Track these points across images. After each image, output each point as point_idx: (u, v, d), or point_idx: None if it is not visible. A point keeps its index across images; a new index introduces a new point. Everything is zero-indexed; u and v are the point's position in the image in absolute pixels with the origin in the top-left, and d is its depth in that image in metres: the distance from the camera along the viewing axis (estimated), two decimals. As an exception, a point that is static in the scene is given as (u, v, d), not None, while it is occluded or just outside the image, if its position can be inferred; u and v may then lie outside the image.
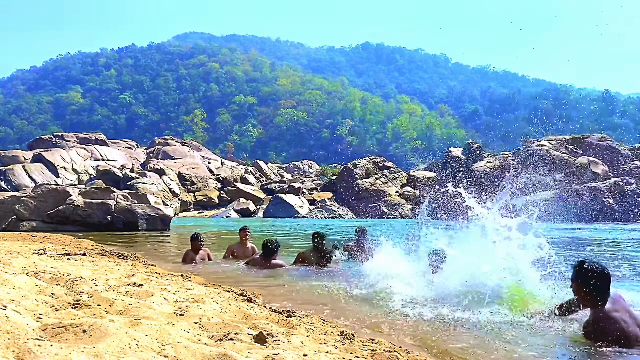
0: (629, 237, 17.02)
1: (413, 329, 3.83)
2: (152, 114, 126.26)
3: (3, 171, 40.47)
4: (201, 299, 3.79)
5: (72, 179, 43.22)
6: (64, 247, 8.03)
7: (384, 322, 4.05)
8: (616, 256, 10.54)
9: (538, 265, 4.90)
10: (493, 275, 4.67)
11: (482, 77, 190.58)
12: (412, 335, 3.67)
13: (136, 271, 5.36)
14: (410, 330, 3.82)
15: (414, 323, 4.05)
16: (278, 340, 2.67)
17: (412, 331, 3.75)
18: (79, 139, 52.26)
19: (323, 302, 4.87)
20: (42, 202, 17.59)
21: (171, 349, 2.24)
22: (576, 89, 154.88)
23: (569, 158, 39.78)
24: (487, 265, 4.88)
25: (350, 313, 4.38)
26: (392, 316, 4.29)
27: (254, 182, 50.16)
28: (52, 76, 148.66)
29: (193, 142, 62.92)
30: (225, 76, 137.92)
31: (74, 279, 3.96)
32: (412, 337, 3.62)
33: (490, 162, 43.18)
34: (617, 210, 34.70)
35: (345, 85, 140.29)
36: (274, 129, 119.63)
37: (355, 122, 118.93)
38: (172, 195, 42.09)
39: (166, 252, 10.88)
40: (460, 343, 3.48)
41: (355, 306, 4.68)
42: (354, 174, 45.65)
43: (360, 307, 4.62)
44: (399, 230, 20.05)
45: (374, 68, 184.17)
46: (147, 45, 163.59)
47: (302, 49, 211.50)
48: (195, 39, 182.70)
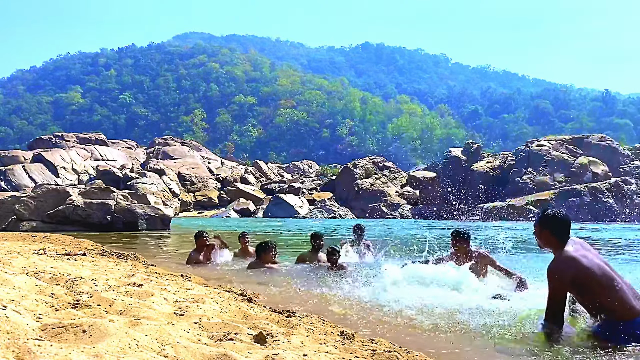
0: (629, 237, 17.03)
1: (413, 329, 3.83)
2: (152, 114, 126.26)
3: (3, 171, 40.48)
4: (201, 299, 3.79)
5: (72, 179, 43.23)
6: (64, 247, 8.03)
7: (384, 322, 4.05)
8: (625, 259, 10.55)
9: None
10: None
11: (482, 77, 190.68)
12: (412, 335, 3.67)
13: (136, 271, 5.36)
14: (411, 330, 3.82)
15: (414, 323, 4.05)
16: (278, 340, 2.67)
17: (412, 331, 3.75)
18: (79, 139, 52.27)
19: (323, 302, 4.87)
20: (42, 202, 17.59)
21: (171, 349, 2.24)
22: (576, 89, 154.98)
23: (569, 158, 39.78)
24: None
25: (350, 313, 4.38)
26: (393, 316, 4.29)
27: (254, 182, 50.17)
28: (52, 76, 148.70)
29: (193, 142, 62.94)
30: (225, 76, 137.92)
31: (74, 279, 3.96)
32: (412, 337, 3.62)
33: (490, 162, 43.17)
34: (617, 210, 34.70)
35: (345, 85, 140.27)
36: (274, 129, 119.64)
37: (355, 122, 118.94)
38: (172, 195, 42.10)
39: (166, 252, 10.88)
40: (460, 344, 3.49)
41: (356, 306, 4.68)
42: (354, 174, 45.65)
43: (360, 307, 4.62)
44: (395, 231, 20.09)
45: (374, 68, 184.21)
46: (147, 45, 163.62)
47: (302, 49, 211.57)
48: (195, 39, 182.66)
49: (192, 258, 8.01)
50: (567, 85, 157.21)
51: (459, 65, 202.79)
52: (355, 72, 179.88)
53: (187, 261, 8.05)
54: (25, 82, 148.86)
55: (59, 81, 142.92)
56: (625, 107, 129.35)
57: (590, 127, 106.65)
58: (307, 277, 6.51)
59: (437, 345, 3.42)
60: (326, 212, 40.54)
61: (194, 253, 8.06)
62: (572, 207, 35.00)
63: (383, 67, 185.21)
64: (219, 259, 8.19)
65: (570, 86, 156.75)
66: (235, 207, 41.54)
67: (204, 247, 8.00)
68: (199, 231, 8.26)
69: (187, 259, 8.12)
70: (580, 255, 3.45)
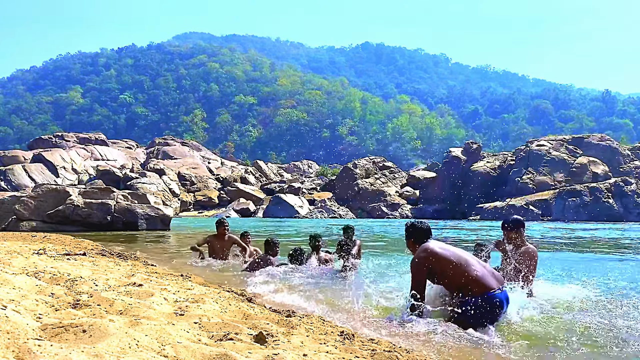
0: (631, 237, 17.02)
1: (413, 329, 3.83)
2: (152, 114, 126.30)
3: (3, 171, 40.49)
4: (201, 299, 3.79)
5: (72, 179, 43.23)
6: (64, 247, 8.03)
7: (384, 322, 4.05)
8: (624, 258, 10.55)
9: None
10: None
11: (482, 77, 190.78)
12: (412, 335, 3.67)
13: (136, 271, 5.36)
14: (411, 330, 3.82)
15: (414, 323, 4.05)
16: (278, 340, 2.67)
17: (412, 331, 3.75)
18: (79, 139, 52.28)
19: (323, 302, 4.86)
20: (42, 202, 17.58)
21: (171, 349, 2.24)
22: (576, 89, 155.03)
23: (569, 158, 39.77)
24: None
25: (350, 313, 4.38)
26: (392, 317, 4.28)
27: (254, 182, 50.18)
28: (52, 76, 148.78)
29: (193, 142, 62.96)
30: (225, 76, 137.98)
31: (74, 279, 3.96)
32: (412, 337, 3.62)
33: (490, 162, 43.16)
34: (617, 210, 34.70)
35: (345, 85, 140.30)
36: (274, 129, 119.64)
37: (355, 122, 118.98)
38: (172, 195, 42.10)
39: (166, 252, 10.87)
40: (460, 343, 3.49)
41: (356, 306, 4.67)
42: (354, 174, 45.65)
43: (361, 307, 4.62)
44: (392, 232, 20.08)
45: (374, 68, 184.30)
46: (147, 45, 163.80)
47: (302, 49, 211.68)
48: (195, 39, 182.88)
49: (208, 240, 8.13)
50: (567, 85, 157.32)
51: (459, 65, 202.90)
52: (355, 72, 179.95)
53: (202, 241, 8.18)
54: (25, 82, 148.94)
55: (59, 81, 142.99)
56: (625, 107, 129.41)
57: (590, 127, 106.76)
58: (308, 277, 6.51)
59: (437, 346, 3.42)
60: (326, 212, 40.54)
61: (212, 237, 8.17)
62: (572, 207, 35.01)
63: (383, 67, 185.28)
64: (239, 259, 8.11)
65: (570, 86, 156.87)
66: (235, 207, 41.54)
67: (224, 235, 8.09)
68: (220, 219, 8.35)
69: (203, 239, 8.17)
70: (435, 246, 4.05)
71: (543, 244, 13.08)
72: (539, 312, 4.39)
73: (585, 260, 9.75)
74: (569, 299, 5.00)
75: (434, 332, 3.63)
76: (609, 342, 3.57)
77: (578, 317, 4.29)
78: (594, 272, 7.05)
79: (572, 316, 4.33)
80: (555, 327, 3.97)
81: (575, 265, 8.09)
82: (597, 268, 8.17)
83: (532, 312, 4.32)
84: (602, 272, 7.21)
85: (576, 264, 8.74)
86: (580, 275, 6.33)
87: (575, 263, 8.94)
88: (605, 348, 3.46)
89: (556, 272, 6.89)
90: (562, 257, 10.13)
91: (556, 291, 5.29)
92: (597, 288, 5.50)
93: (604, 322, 4.11)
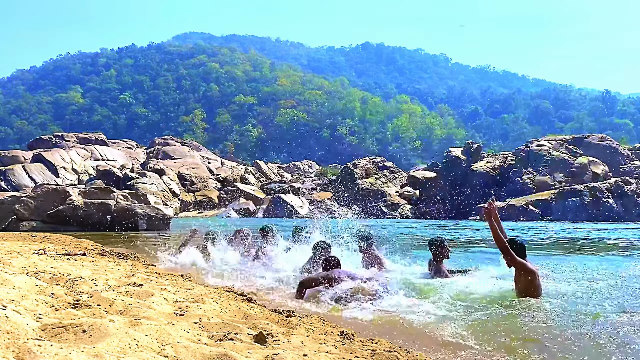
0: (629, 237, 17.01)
1: (413, 329, 3.83)
2: (152, 114, 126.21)
3: (3, 171, 40.47)
4: (201, 299, 3.79)
5: (72, 179, 43.22)
6: (64, 247, 8.03)
7: (384, 322, 4.05)
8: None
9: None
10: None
11: (482, 77, 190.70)
12: (412, 335, 3.67)
13: (136, 271, 5.36)
14: (410, 330, 3.82)
15: (414, 323, 4.05)
16: (278, 340, 2.67)
17: (412, 331, 3.76)
18: (79, 139, 52.26)
19: (323, 302, 4.86)
20: (42, 202, 17.57)
21: (171, 349, 2.24)
22: (576, 89, 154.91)
23: (569, 158, 39.78)
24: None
25: (350, 313, 4.38)
26: (392, 316, 4.29)
27: (254, 182, 50.18)
28: (52, 76, 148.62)
29: (193, 142, 62.95)
30: (225, 76, 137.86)
31: (74, 279, 3.96)
32: (412, 337, 3.62)
33: (490, 162, 43.16)
34: (617, 210, 34.69)
35: (345, 85, 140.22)
36: (274, 129, 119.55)
37: (355, 122, 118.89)
38: (172, 195, 42.10)
39: (166, 252, 10.85)
40: (459, 342, 3.49)
41: (356, 307, 4.67)
42: (354, 174, 45.66)
43: (360, 308, 4.62)
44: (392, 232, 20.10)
45: (374, 68, 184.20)
46: (147, 45, 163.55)
47: (302, 49, 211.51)
48: (195, 39, 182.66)
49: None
50: (567, 85, 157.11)
51: (459, 65, 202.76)
52: (355, 72, 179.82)
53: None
54: (25, 82, 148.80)
55: (59, 81, 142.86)
56: (625, 107, 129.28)
57: (590, 127, 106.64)
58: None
59: (436, 346, 3.42)
60: (326, 212, 40.56)
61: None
62: (572, 207, 35.02)
63: (383, 67, 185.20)
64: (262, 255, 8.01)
65: (570, 86, 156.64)
66: (235, 207, 41.54)
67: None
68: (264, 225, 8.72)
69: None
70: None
71: (552, 244, 13.07)
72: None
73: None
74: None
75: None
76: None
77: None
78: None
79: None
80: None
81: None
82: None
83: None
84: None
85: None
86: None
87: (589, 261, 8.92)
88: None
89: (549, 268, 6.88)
90: (562, 258, 10.11)
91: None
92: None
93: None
